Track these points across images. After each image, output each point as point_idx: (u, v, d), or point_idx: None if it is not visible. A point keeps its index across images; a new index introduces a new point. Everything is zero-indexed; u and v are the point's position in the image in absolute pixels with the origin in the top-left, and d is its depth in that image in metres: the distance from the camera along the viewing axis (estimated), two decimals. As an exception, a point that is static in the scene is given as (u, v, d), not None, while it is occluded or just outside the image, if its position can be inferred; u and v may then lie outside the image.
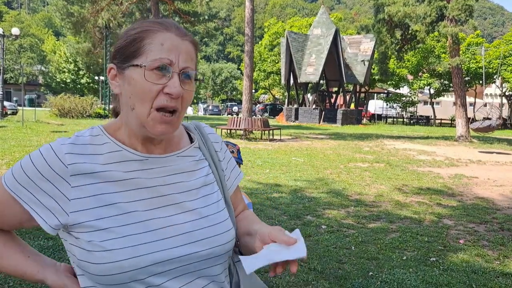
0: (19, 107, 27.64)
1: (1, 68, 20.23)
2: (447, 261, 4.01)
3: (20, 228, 0.92)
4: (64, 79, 49.88)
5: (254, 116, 21.81)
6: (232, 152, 1.97)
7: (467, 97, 21.27)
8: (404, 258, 4.05)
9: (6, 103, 24.90)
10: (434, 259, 4.05)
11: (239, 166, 2.04)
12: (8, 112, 24.97)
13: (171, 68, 0.86)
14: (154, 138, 0.92)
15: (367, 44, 31.23)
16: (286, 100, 33.74)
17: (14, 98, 39.46)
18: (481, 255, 4.21)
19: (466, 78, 33.42)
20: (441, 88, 36.96)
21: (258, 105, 49.67)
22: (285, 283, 3.36)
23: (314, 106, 30.84)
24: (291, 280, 3.43)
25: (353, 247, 4.29)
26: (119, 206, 0.87)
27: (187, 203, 0.95)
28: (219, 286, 0.97)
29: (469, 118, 17.59)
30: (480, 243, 4.61)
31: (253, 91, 56.48)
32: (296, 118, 31.14)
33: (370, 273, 3.63)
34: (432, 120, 38.71)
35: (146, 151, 0.94)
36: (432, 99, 39.23)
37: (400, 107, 41.90)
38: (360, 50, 31.54)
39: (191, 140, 1.05)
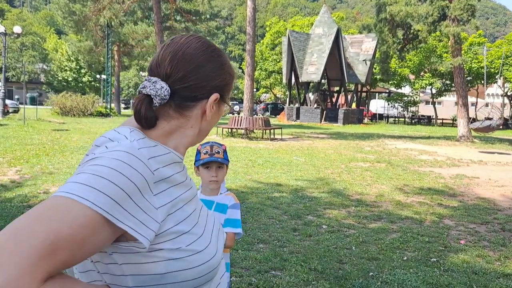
0: (20, 105, 27.67)
1: (3, 66, 20.25)
2: (447, 261, 4.00)
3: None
4: (66, 78, 49.95)
5: (255, 115, 21.81)
6: (218, 152, 1.98)
7: (469, 97, 21.25)
8: (405, 258, 4.04)
9: (8, 101, 24.93)
10: (435, 259, 4.04)
11: (226, 167, 2.05)
12: (10, 110, 25.00)
13: None
14: None
15: (368, 44, 31.20)
16: (288, 99, 33.73)
17: (16, 96, 39.55)
18: (482, 255, 4.20)
19: (468, 78, 33.39)
20: (443, 88, 36.92)
21: (260, 104, 49.66)
22: (285, 283, 3.36)
23: (315, 106, 30.82)
24: (291, 280, 3.43)
25: (353, 247, 4.28)
26: (184, 208, 0.89)
27: (198, 200, 1.04)
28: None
29: (471, 118, 17.57)
30: (481, 243, 4.60)
31: (255, 90, 56.52)
32: (298, 117, 31.12)
33: (371, 274, 3.63)
34: (434, 120, 38.66)
35: (182, 154, 0.97)
36: (434, 99, 39.18)
37: (402, 107, 41.85)
38: (361, 49, 31.50)
39: None
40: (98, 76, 45.83)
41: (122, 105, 47.85)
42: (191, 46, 0.91)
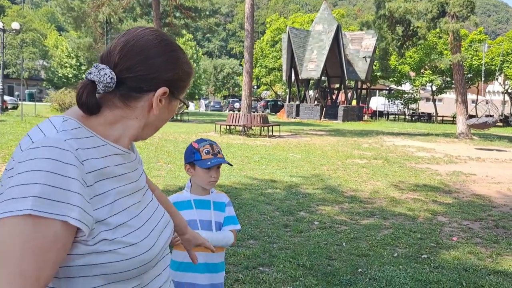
0: (20, 102, 27.64)
1: (1, 62, 20.21)
2: (438, 258, 3.97)
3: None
4: (66, 74, 49.89)
5: (254, 112, 21.77)
6: (219, 152, 1.89)
7: (470, 94, 21.18)
8: (395, 255, 4.01)
9: (6, 98, 24.94)
10: (426, 256, 4.01)
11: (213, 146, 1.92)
12: (9, 107, 25.00)
13: None
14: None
15: (368, 41, 31.09)
16: (288, 96, 33.66)
17: (16, 93, 39.53)
18: (473, 252, 4.17)
19: (469, 75, 33.27)
20: (443, 85, 36.79)
21: (260, 101, 49.60)
22: (272, 279, 3.33)
23: (315, 103, 30.75)
24: (278, 276, 3.39)
25: (344, 244, 4.25)
26: (120, 201, 0.88)
27: (147, 194, 1.02)
28: (168, 267, 1.06)
29: (470, 115, 17.51)
30: (473, 240, 4.57)
31: (255, 87, 56.38)
32: (297, 114, 31.06)
33: (359, 270, 3.59)
34: (434, 117, 38.56)
35: (125, 147, 0.94)
36: (434, 96, 39.06)
37: (402, 104, 41.74)
38: (361, 46, 31.40)
39: None
40: (98, 72, 45.56)
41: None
42: (144, 37, 0.90)
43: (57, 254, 0.74)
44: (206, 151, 1.84)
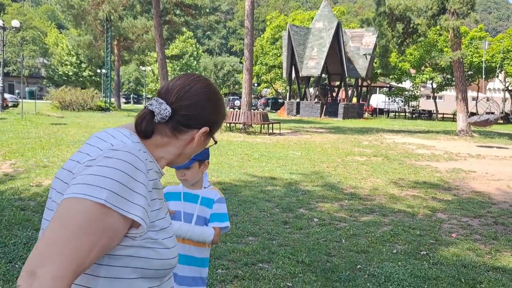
0: (20, 100, 27.65)
1: (1, 60, 20.21)
2: (437, 255, 3.98)
3: None
4: (66, 72, 49.90)
5: (254, 110, 21.77)
6: None
7: (470, 91, 21.14)
8: (394, 251, 4.02)
9: (7, 95, 24.95)
10: (425, 252, 4.02)
11: (200, 164, 1.94)
12: (9, 105, 25.01)
13: None
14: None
15: (369, 38, 31.05)
16: (288, 94, 33.64)
17: (17, 91, 39.53)
18: (472, 249, 4.18)
19: (469, 72, 33.23)
20: (444, 82, 36.76)
21: (261, 99, 49.55)
22: (272, 276, 3.34)
23: (315, 100, 30.74)
24: (277, 272, 3.41)
25: (343, 240, 4.26)
26: (161, 210, 1.02)
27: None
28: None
29: (469, 112, 17.50)
30: (472, 237, 4.58)
31: (255, 85, 56.31)
32: (298, 112, 31.05)
33: (358, 266, 3.60)
34: (434, 115, 38.53)
35: (162, 167, 1.10)
36: (435, 93, 39.03)
37: (402, 101, 41.71)
38: (362, 43, 31.36)
39: None
40: (98, 70, 45.72)
41: (123, 100, 47.80)
42: (197, 85, 1.08)
43: (108, 242, 0.87)
44: None
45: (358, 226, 4.76)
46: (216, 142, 1.19)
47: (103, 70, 33.86)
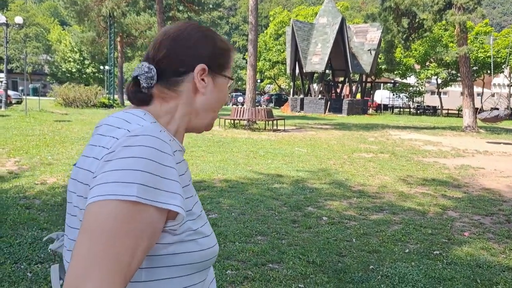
0: (24, 97, 27.67)
1: (5, 57, 20.17)
2: (451, 254, 3.89)
3: None
4: (70, 69, 49.88)
5: (258, 106, 21.67)
6: None
7: (475, 87, 20.97)
8: (407, 251, 3.94)
9: (10, 92, 24.93)
10: (438, 252, 3.93)
11: None
12: (13, 101, 25.01)
13: None
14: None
15: (373, 33, 30.83)
16: (292, 90, 33.48)
17: (20, 88, 39.54)
18: (486, 248, 4.09)
19: (474, 68, 32.97)
20: (449, 78, 36.50)
21: (264, 95, 49.41)
22: (283, 277, 3.26)
23: (319, 96, 30.58)
24: (288, 273, 3.33)
25: (354, 240, 4.18)
26: (194, 197, 0.91)
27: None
28: None
29: (477, 109, 17.35)
30: (485, 235, 4.48)
31: (259, 81, 56.18)
32: (302, 108, 30.91)
33: (371, 267, 3.52)
34: (439, 111, 38.29)
35: (181, 142, 0.96)
36: (440, 89, 38.77)
37: (407, 97, 41.47)
38: (366, 39, 31.15)
39: None
40: (101, 67, 45.66)
41: (126, 96, 47.79)
42: (172, 29, 0.94)
43: (149, 241, 0.76)
44: None
45: (368, 224, 4.68)
46: (232, 79, 1.00)
47: (106, 67, 33.80)
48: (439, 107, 38.48)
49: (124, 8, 26.55)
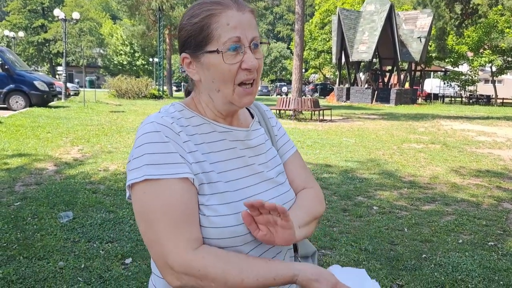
0: (80, 89, 29.09)
1: (64, 51, 21.31)
2: (506, 245, 3.85)
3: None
4: (121, 61, 51.75)
5: (303, 96, 21.61)
6: None
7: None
8: (460, 241, 3.94)
9: (69, 85, 26.31)
10: (492, 243, 3.91)
11: None
12: (71, 93, 26.40)
13: (241, 44, 0.91)
14: (234, 112, 1.02)
15: (424, 20, 29.75)
16: (337, 79, 33.06)
17: (76, 80, 41.57)
18: (544, 241, 4.00)
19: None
20: (504, 66, 34.63)
21: (308, 85, 49.05)
22: (336, 262, 3.38)
23: (366, 86, 30.03)
24: (341, 259, 3.45)
25: (405, 229, 4.22)
26: (221, 174, 0.94)
27: (265, 173, 1.03)
28: (288, 248, 1.06)
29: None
30: (543, 228, 4.38)
31: (303, 70, 55.81)
32: (348, 98, 30.50)
33: (424, 256, 3.57)
34: (493, 100, 36.49)
35: (228, 124, 1.02)
36: (494, 77, 36.90)
37: (459, 86, 39.80)
38: (416, 26, 30.12)
39: (251, 116, 1.13)
40: (150, 59, 47.04)
41: (174, 88, 48.99)
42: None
43: (187, 208, 0.86)
44: None
45: (420, 215, 4.69)
46: (217, 52, 0.91)
47: (156, 59, 34.80)
48: (493, 96, 36.66)
49: (173, 1, 27.18)
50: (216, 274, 0.82)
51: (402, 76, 31.21)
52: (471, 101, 37.35)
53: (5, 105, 15.35)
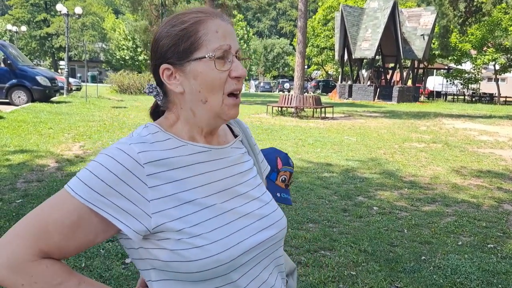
0: (82, 83, 29.10)
1: (67, 46, 21.30)
2: (506, 248, 3.86)
3: (89, 247, 0.85)
4: (123, 56, 51.70)
5: (305, 93, 21.59)
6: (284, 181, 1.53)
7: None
8: (460, 243, 3.94)
9: (71, 80, 26.32)
10: (492, 245, 3.91)
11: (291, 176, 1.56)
12: (73, 88, 26.41)
13: (231, 52, 0.88)
14: (215, 129, 0.96)
15: (427, 18, 29.62)
16: (340, 76, 32.98)
17: (78, 75, 41.59)
18: (544, 244, 4.01)
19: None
20: (508, 64, 34.47)
21: (311, 81, 48.97)
22: (335, 264, 3.40)
23: (368, 83, 29.96)
24: (340, 260, 3.46)
25: (405, 230, 4.23)
26: (198, 202, 0.88)
27: (250, 192, 0.98)
28: (280, 269, 1.02)
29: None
30: (543, 231, 4.38)
31: (306, 67, 55.68)
32: (350, 95, 30.45)
33: (423, 257, 3.58)
34: (496, 98, 36.36)
35: (208, 143, 0.95)
36: (497, 76, 36.75)
37: (462, 84, 39.64)
38: (419, 23, 30.00)
39: (233, 133, 1.07)
40: (152, 54, 46.63)
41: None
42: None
43: (83, 233, 0.81)
44: (283, 179, 1.53)
45: (420, 216, 4.69)
46: (204, 58, 0.87)
47: (158, 54, 34.62)
48: (496, 95, 36.53)
49: (175, -3, 27.12)
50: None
51: (404, 74, 31.11)
52: (473, 99, 37.21)
53: (7, 100, 15.37)
